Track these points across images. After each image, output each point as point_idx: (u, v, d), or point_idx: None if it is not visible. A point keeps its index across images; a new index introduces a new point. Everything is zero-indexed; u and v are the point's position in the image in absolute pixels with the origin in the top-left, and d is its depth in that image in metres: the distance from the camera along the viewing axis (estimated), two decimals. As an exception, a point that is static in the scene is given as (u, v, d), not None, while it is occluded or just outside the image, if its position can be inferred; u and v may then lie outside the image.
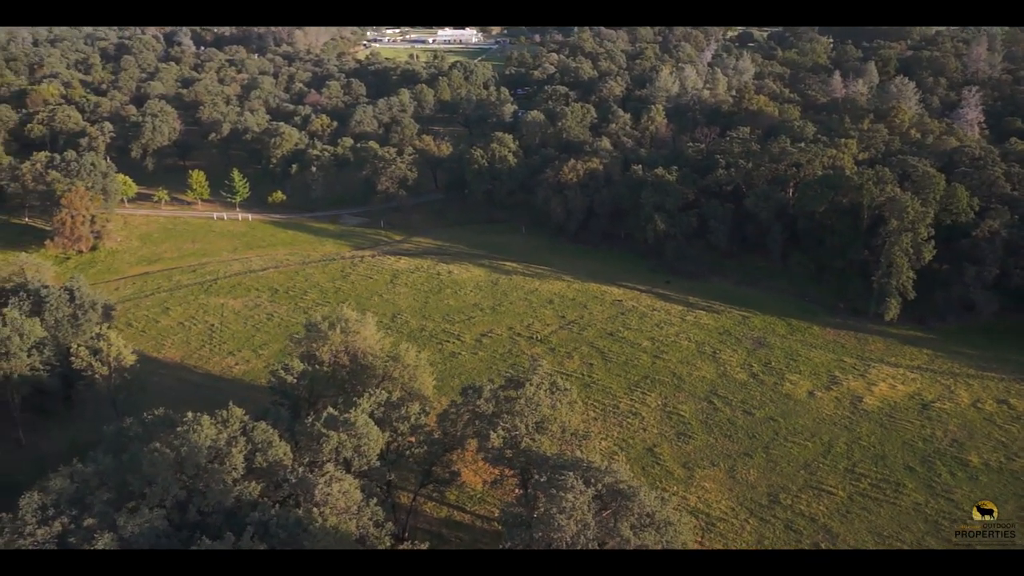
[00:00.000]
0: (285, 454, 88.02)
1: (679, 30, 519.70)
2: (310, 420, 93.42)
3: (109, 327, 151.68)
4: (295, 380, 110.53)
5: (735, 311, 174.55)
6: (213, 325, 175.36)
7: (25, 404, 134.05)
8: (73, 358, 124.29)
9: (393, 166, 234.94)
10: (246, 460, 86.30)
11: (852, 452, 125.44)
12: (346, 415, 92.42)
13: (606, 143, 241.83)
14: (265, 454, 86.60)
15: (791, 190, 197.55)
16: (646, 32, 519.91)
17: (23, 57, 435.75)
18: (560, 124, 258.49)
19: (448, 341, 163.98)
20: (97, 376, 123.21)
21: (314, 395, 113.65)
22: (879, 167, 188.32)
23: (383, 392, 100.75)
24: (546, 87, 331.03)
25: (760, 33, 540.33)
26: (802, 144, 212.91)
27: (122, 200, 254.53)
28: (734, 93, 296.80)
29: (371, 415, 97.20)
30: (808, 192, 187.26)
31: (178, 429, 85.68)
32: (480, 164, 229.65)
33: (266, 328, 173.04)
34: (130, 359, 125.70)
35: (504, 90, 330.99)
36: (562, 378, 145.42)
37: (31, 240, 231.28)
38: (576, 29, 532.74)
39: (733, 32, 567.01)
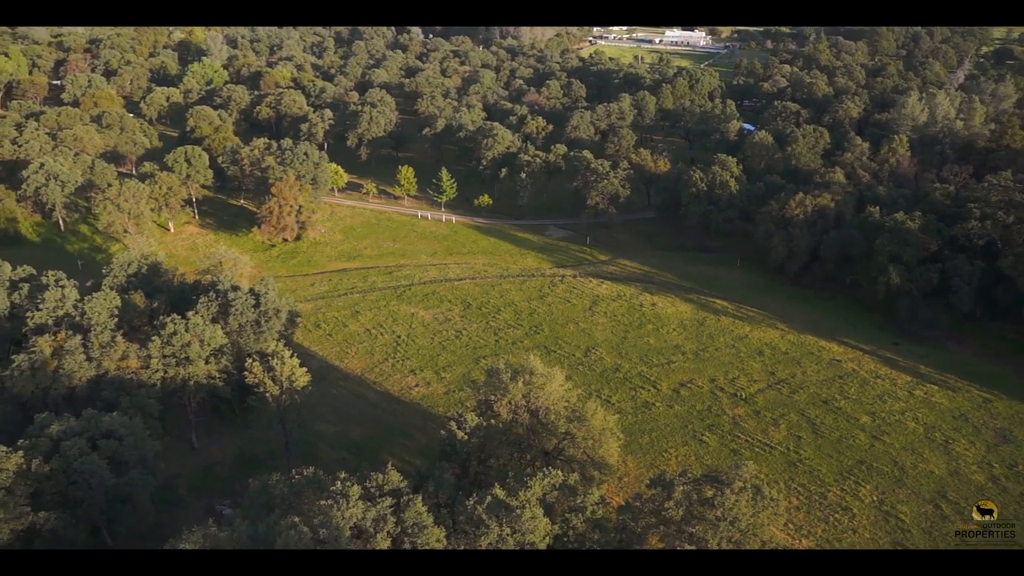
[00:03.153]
0: (437, 540, 77.92)
1: (925, 43, 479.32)
2: (472, 502, 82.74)
3: (290, 336, 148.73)
4: (467, 436, 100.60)
5: (975, 390, 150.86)
6: (400, 337, 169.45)
7: (201, 407, 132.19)
8: (246, 373, 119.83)
9: (606, 181, 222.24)
10: (393, 543, 76.78)
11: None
12: (512, 499, 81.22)
13: (839, 175, 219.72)
14: (414, 540, 76.73)
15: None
16: (888, 43, 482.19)
17: (266, 39, 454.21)
18: (790, 149, 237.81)
19: (643, 388, 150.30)
20: (268, 395, 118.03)
21: (486, 452, 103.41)
22: None
23: (558, 473, 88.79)
24: (775, 102, 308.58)
25: (1021, 48, 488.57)
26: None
27: (332, 189, 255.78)
28: (993, 126, 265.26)
29: (542, 498, 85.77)
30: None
31: (322, 502, 77.06)
32: (698, 187, 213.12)
33: (453, 347, 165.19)
34: (302, 380, 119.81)
35: (730, 103, 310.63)
36: (765, 450, 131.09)
37: (243, 223, 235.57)
38: (812, 38, 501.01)
39: (988, 47, 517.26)
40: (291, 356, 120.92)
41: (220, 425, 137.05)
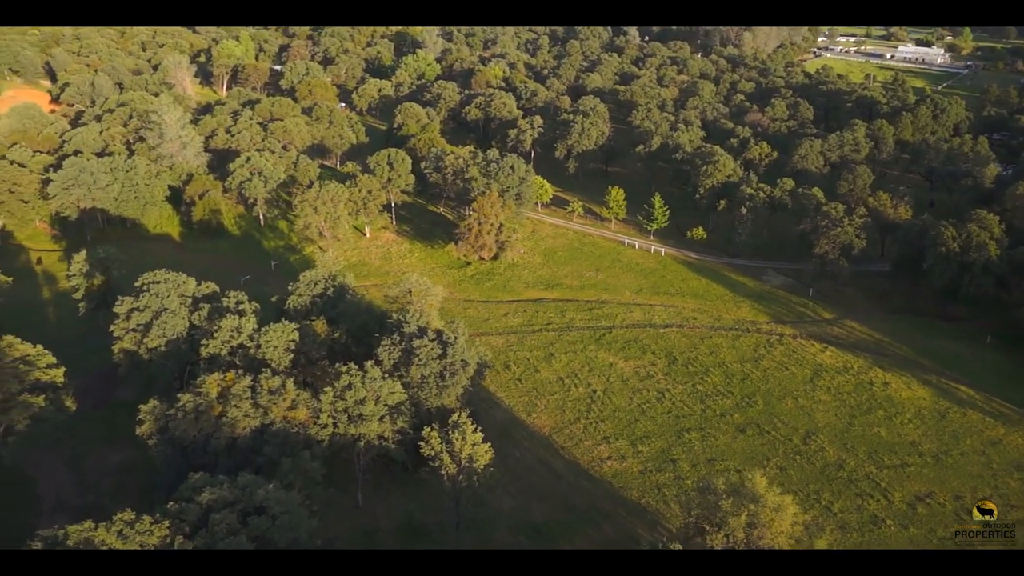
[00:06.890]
0: None
1: None
2: None
3: (478, 384, 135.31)
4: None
5: None
6: (595, 392, 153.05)
7: (371, 464, 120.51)
8: (422, 444, 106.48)
9: (839, 228, 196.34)
10: None
11: None
12: None
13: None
14: None
15: None
16: None
17: (480, 33, 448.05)
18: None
19: (871, 495, 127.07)
20: (443, 472, 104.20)
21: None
22: None
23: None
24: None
25: None
26: None
27: (535, 204, 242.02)
28: None
29: None
30: None
31: None
32: (949, 247, 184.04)
33: (653, 412, 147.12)
34: (483, 459, 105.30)
35: (983, 140, 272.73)
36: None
37: (440, 233, 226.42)
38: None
39: None
40: (475, 430, 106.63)
41: (389, 482, 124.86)
